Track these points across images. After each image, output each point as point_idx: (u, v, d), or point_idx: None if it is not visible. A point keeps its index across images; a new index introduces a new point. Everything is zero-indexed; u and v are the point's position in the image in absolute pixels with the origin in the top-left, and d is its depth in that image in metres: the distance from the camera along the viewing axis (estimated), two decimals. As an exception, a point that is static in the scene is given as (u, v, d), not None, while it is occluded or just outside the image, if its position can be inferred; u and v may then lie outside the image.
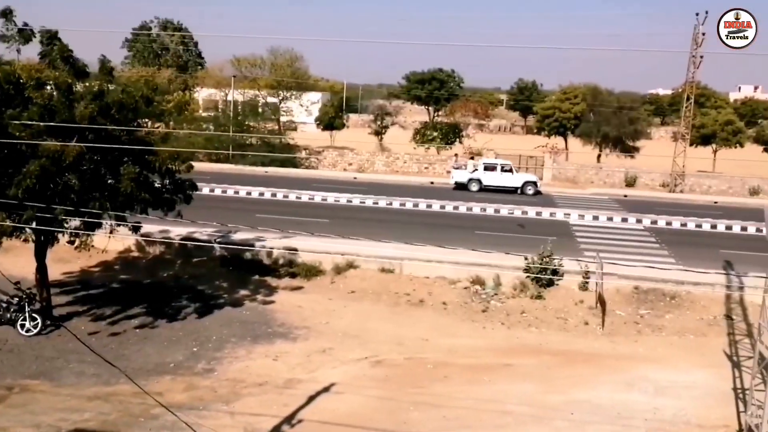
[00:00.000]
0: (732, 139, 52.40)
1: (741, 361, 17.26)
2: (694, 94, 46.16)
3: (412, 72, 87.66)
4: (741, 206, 37.70)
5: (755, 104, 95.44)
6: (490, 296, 21.55)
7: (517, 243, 25.53)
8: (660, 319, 20.16)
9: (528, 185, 39.80)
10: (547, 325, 19.63)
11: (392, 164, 47.76)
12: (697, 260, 24.54)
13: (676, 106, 77.71)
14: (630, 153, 51.61)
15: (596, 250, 24.26)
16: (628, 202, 39.07)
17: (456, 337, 18.69)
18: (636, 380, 16.09)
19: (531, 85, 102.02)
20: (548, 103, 57.33)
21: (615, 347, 18.23)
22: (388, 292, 21.72)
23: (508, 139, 77.79)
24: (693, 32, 42.00)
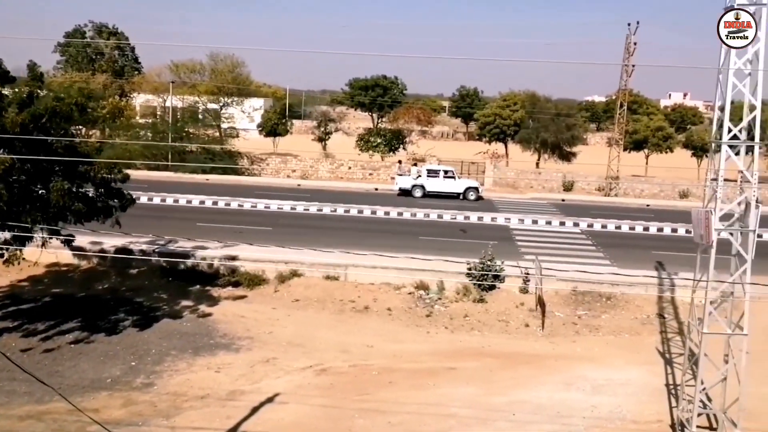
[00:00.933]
0: (663, 145, 54.50)
1: (673, 357, 17.96)
2: (627, 101, 47.93)
3: (355, 78, 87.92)
4: (672, 209, 39.21)
5: (684, 110, 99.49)
6: (434, 301, 21.76)
7: (460, 248, 25.91)
8: (597, 319, 20.78)
9: (470, 191, 40.42)
10: (489, 328, 19.96)
11: (336, 171, 47.72)
12: (631, 261, 25.53)
13: (610, 112, 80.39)
14: (567, 158, 53.08)
15: (536, 253, 24.84)
16: (566, 206, 40.15)
17: (401, 343, 18.78)
18: (574, 379, 16.54)
19: (472, 92, 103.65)
20: (489, 110, 58.40)
21: (554, 348, 18.68)
22: (332, 299, 21.66)
23: (451, 145, 78.80)
24: (625, 42, 43.68)
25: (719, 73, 12.26)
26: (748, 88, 12.08)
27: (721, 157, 12.29)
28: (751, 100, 12.09)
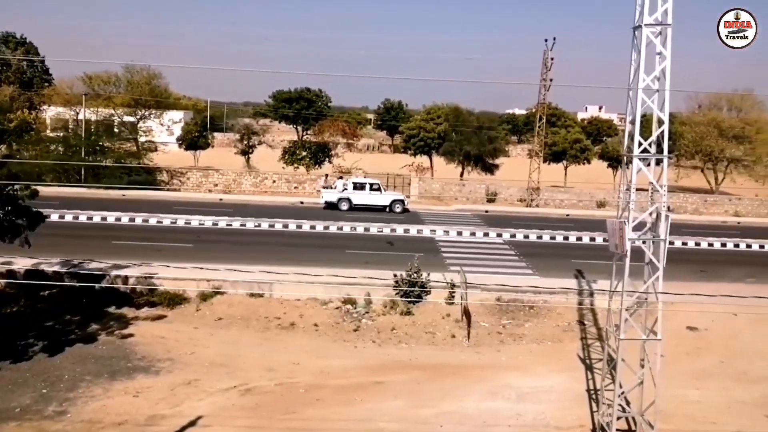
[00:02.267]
0: (580, 156, 56.58)
1: (593, 363, 18.52)
2: (546, 114, 49.58)
3: (278, 91, 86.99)
4: (590, 218, 40.67)
5: (600, 123, 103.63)
6: (361, 315, 21.62)
7: (387, 261, 25.96)
8: (520, 327, 21.20)
9: (396, 203, 40.67)
10: (416, 340, 20.00)
11: (260, 184, 46.95)
12: (553, 270, 26.30)
13: (530, 125, 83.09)
14: (490, 170, 54.27)
15: (461, 264, 25.17)
16: (490, 217, 41.00)
17: (328, 359, 18.52)
18: (500, 388, 16.77)
19: (397, 105, 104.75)
20: (413, 122, 59.03)
21: (480, 358, 18.91)
22: (257, 317, 21.17)
23: (377, 158, 79.22)
24: (543, 57, 45.23)
25: (629, 90, 12.80)
26: (656, 103, 12.66)
27: (632, 170, 12.80)
28: (659, 116, 12.67)
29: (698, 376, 18.07)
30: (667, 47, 12.40)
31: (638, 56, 12.48)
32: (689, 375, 18.06)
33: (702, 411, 16.12)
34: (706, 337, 20.72)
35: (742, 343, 20.26)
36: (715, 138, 53.97)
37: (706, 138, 54.34)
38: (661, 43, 12.48)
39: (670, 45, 12.39)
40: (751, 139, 53.75)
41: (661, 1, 12.31)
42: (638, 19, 12.47)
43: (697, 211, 48.06)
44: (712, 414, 15.99)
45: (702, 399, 16.75)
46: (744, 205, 48.86)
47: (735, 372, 18.44)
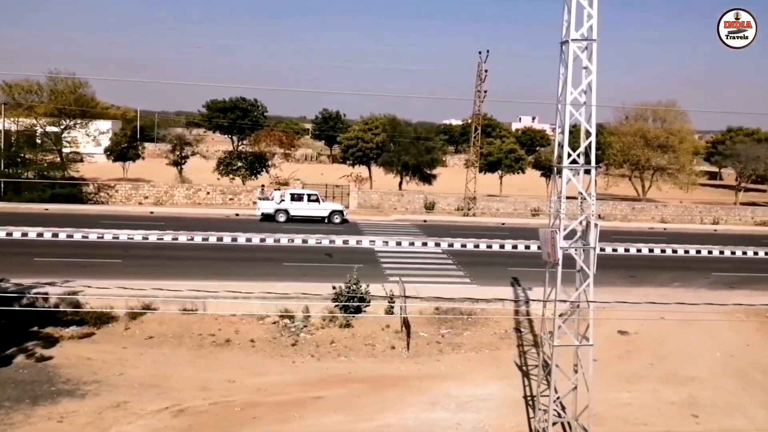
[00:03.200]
0: (515, 166, 57.89)
1: (529, 369, 18.80)
2: (481, 124, 50.45)
3: (212, 100, 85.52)
4: (525, 226, 41.55)
5: (533, 133, 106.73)
6: (299, 329, 21.28)
7: (326, 273, 25.74)
8: (459, 336, 21.33)
9: (335, 214, 40.45)
10: (355, 352, 19.82)
11: (194, 196, 45.84)
12: (490, 278, 26.67)
13: (466, 135, 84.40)
14: (428, 180, 54.82)
15: (400, 274, 25.21)
16: (428, 226, 41.31)
17: (265, 375, 18.11)
18: (439, 398, 16.79)
19: (335, 114, 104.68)
20: (351, 133, 59.07)
21: (420, 368, 18.89)
22: (190, 334, 20.52)
23: (315, 168, 78.82)
24: (477, 69, 46.04)
25: (558, 102, 13.10)
26: (584, 116, 13.00)
27: (562, 180, 13.07)
28: (587, 128, 13.01)
29: (629, 379, 18.58)
30: (593, 62, 12.75)
31: (566, 70, 12.80)
32: (621, 378, 18.54)
33: (633, 413, 16.58)
34: (636, 341, 21.36)
35: (670, 346, 20.99)
36: (642, 147, 56.22)
37: (633, 147, 56.55)
38: (587, 58, 12.83)
39: (595, 59, 12.75)
40: (675, 149, 56.24)
41: (587, 18, 12.67)
42: (565, 34, 12.79)
43: (626, 218, 49.82)
44: (643, 415, 16.46)
45: (633, 401, 17.23)
46: (669, 211, 51.01)
47: (664, 374, 19.07)
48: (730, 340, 21.39)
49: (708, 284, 28.47)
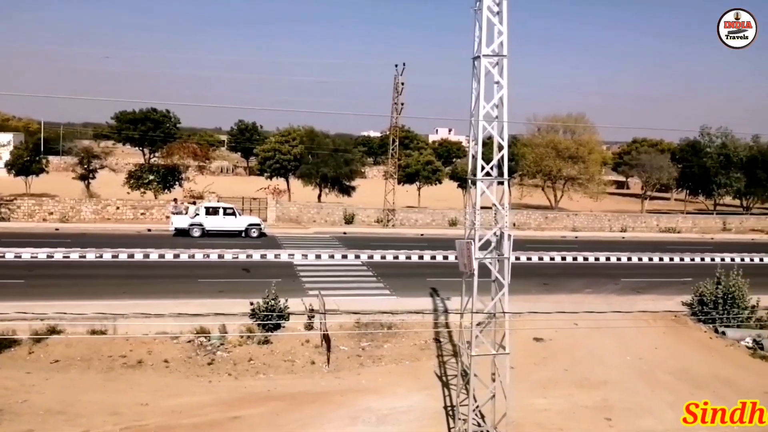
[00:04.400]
0: (432, 177, 58.82)
1: (449, 379, 18.97)
2: (399, 136, 51.00)
3: (122, 111, 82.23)
4: (443, 236, 42.16)
5: (450, 145, 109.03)
6: (216, 347, 20.64)
7: (243, 288, 25.18)
8: (380, 349, 21.30)
9: (252, 228, 39.72)
10: (274, 369, 19.40)
11: (103, 211, 43.80)
12: (410, 290, 26.86)
13: (385, 147, 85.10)
14: (347, 192, 54.81)
15: (320, 288, 24.96)
16: (348, 238, 41.23)
17: (180, 397, 17.42)
18: (360, 412, 16.65)
19: (251, 126, 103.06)
20: (268, 144, 58.34)
21: (340, 383, 18.70)
22: (99, 356, 19.50)
23: (231, 180, 77.26)
24: (394, 82, 46.55)
25: (471, 116, 13.35)
26: (496, 130, 13.31)
27: (477, 192, 13.31)
28: (499, 141, 13.32)
29: (545, 385, 19.07)
30: (504, 77, 13.09)
31: (478, 85, 13.07)
32: (537, 384, 19.01)
33: (550, 418, 17.00)
34: (551, 347, 21.99)
35: (583, 351, 21.73)
36: (553, 158, 58.44)
37: (546, 159, 58.69)
38: (498, 73, 13.16)
39: (506, 75, 13.09)
40: (585, 159, 58.79)
41: (497, 34, 13.01)
42: (477, 50, 13.08)
43: (539, 227, 51.54)
44: (558, 420, 16.91)
45: (549, 406, 17.67)
46: (580, 220, 53.17)
47: (578, 378, 19.69)
48: (639, 344, 22.36)
49: (617, 290, 29.80)
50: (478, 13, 12.98)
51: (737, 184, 60.26)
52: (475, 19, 13.05)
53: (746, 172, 59.93)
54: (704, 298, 24.90)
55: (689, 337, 23.59)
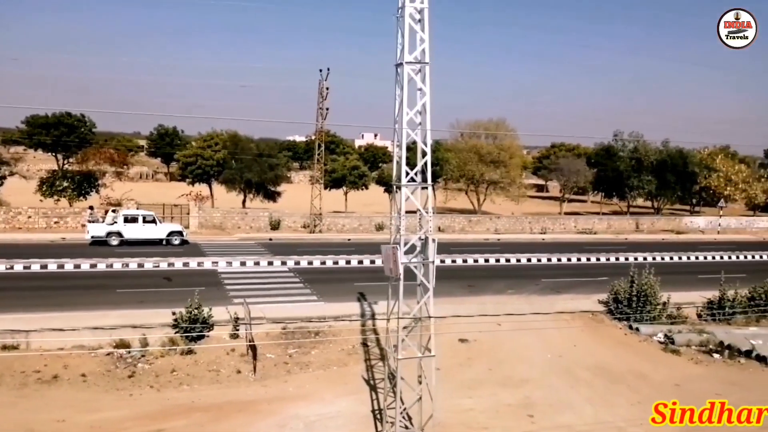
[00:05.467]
0: (359, 182, 59.10)
1: (377, 383, 19.07)
2: (325, 141, 50.92)
3: (33, 116, 78.28)
4: (370, 241, 42.37)
5: (376, 150, 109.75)
6: (136, 359, 19.95)
7: (165, 298, 24.51)
8: (307, 355, 21.17)
9: (174, 235, 38.65)
10: (199, 380, 18.95)
11: (13, 220, 41.53)
12: (337, 295, 26.85)
13: (311, 152, 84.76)
14: (273, 197, 54.27)
15: (245, 296, 24.58)
16: (274, 245, 40.77)
17: (99, 411, 16.74)
18: (287, 420, 16.50)
19: (172, 131, 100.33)
20: (190, 149, 57.02)
21: (267, 391, 18.47)
22: (11, 372, 18.47)
23: (151, 187, 74.95)
24: (318, 87, 46.45)
25: (395, 122, 13.54)
26: (420, 136, 13.54)
27: (401, 197, 13.50)
28: (422, 147, 13.55)
29: (470, 385, 19.47)
30: (426, 84, 13.34)
31: (402, 92, 13.26)
32: (463, 385, 19.38)
33: (475, 417, 17.37)
34: (476, 348, 22.48)
35: (506, 350, 22.33)
36: (476, 163, 59.82)
37: (469, 163, 60.01)
38: (421, 80, 13.40)
39: (429, 82, 13.35)
40: (506, 164, 60.50)
41: (420, 42, 13.25)
42: (399, 57, 13.28)
43: (463, 230, 52.61)
44: (483, 419, 17.30)
45: (475, 406, 18.05)
46: (503, 222, 54.65)
47: (501, 377, 20.22)
48: (559, 342, 23.18)
49: (538, 290, 30.81)
50: (400, 20, 13.19)
51: (648, 186, 63.47)
52: (398, 27, 13.26)
53: (656, 175, 63.24)
54: (619, 297, 26.10)
55: (605, 334, 24.66)
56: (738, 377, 21.18)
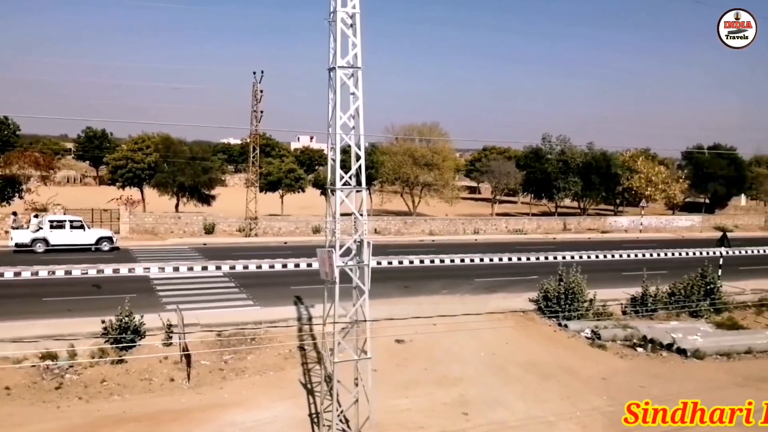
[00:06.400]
0: (295, 185, 58.71)
1: (314, 387, 19.11)
2: (260, 144, 50.41)
3: (-54, 118, 74.34)
4: (307, 244, 42.17)
5: (312, 153, 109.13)
6: (64, 370, 19.29)
7: (94, 306, 23.82)
8: (243, 361, 20.97)
9: (103, 241, 37.47)
10: (130, 389, 18.49)
11: (-73, 228, 39.34)
12: (273, 299, 26.69)
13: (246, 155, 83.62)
14: (207, 201, 53.29)
15: (178, 302, 24.10)
16: (208, 249, 40.09)
17: (25, 425, 16.15)
18: (223, 427, 16.34)
19: (101, 133, 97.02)
20: (120, 153, 55.35)
21: (202, 398, 18.20)
22: (-74, 388, 17.57)
23: (80, 191, 72.27)
24: (252, 89, 45.99)
25: (328, 126, 13.64)
26: (353, 140, 13.69)
27: (336, 201, 13.62)
28: (356, 151, 13.71)
29: (407, 385, 19.74)
30: (359, 88, 13.51)
31: (335, 96, 13.38)
32: (399, 385, 19.63)
33: (411, 417, 17.64)
34: (412, 348, 22.80)
35: (441, 350, 22.74)
36: (411, 166, 60.45)
37: (403, 166, 60.58)
38: (353, 84, 13.56)
39: (361, 86, 13.52)
40: (440, 166, 61.38)
41: (351, 47, 13.40)
42: (332, 61, 13.39)
43: (399, 232, 53.09)
44: (420, 419, 17.58)
45: (411, 406, 18.33)
46: (437, 224, 55.45)
47: (437, 377, 20.59)
48: (492, 340, 23.77)
49: (472, 289, 31.47)
50: (332, 25, 13.31)
51: (575, 187, 65.72)
52: (330, 31, 13.37)
53: (582, 176, 65.57)
54: (548, 295, 27.00)
55: (536, 332, 25.46)
56: (660, 369, 22.28)
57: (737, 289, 32.27)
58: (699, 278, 29.03)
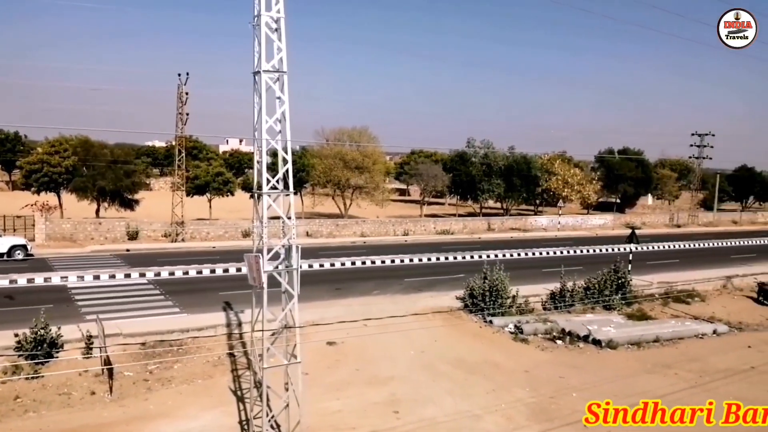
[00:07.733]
0: (224, 189, 57.57)
1: (244, 393, 18.79)
2: (187, 146, 49.17)
3: None
4: (236, 248, 41.43)
5: (241, 155, 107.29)
6: (-26, 387, 18.20)
7: (6, 318, 22.69)
8: (169, 370, 20.39)
9: (16, 249, 35.65)
10: (47, 405, 17.62)
11: None
12: (201, 305, 26.11)
13: (171, 158, 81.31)
14: (130, 206, 51.55)
15: (99, 312, 23.24)
16: (132, 256, 38.79)
17: (-73, 451, 15.15)
18: (149, 440, 15.85)
19: (13, 136, 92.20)
20: (34, 156, 52.77)
21: (125, 411, 17.56)
22: None
23: (-10, 197, 68.45)
24: (177, 91, 44.81)
25: (255, 130, 13.47)
26: (280, 144, 13.58)
27: (263, 205, 13.47)
28: (283, 155, 13.60)
29: (338, 387, 19.71)
30: (285, 92, 13.41)
31: (260, 99, 13.24)
32: (331, 387, 19.57)
33: (343, 419, 17.62)
34: (343, 350, 22.79)
35: (372, 350, 22.82)
36: (342, 169, 60.52)
37: (334, 169, 60.58)
38: (279, 89, 13.45)
39: (287, 90, 13.43)
40: (370, 169, 61.73)
41: (277, 51, 13.30)
42: (257, 65, 13.24)
43: (331, 234, 52.99)
44: (351, 420, 17.58)
45: (343, 407, 18.30)
46: (368, 226, 55.67)
47: (368, 377, 20.65)
48: (422, 338, 24.05)
49: (402, 289, 31.78)
50: (256, 28, 13.16)
51: (498, 189, 67.81)
52: (254, 35, 13.22)
53: (505, 179, 67.78)
54: (474, 292, 27.63)
55: (463, 328, 25.96)
56: (578, 360, 23.16)
57: (645, 283, 33.99)
58: (611, 273, 30.50)
